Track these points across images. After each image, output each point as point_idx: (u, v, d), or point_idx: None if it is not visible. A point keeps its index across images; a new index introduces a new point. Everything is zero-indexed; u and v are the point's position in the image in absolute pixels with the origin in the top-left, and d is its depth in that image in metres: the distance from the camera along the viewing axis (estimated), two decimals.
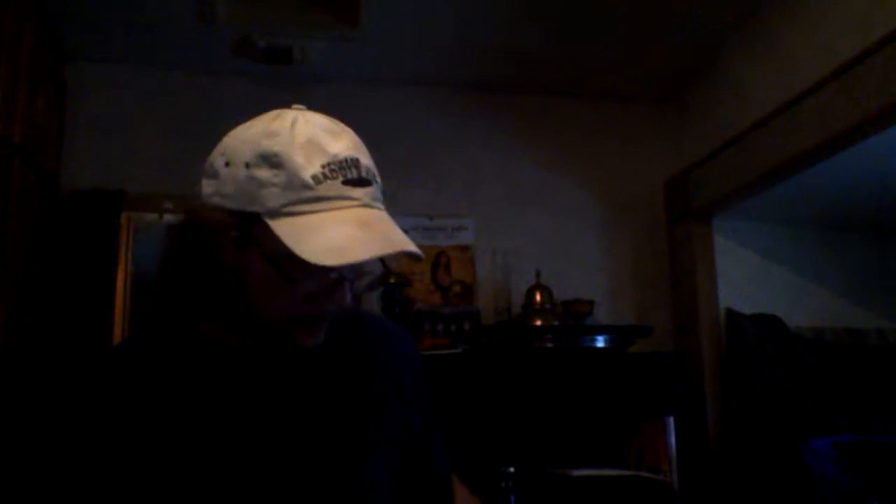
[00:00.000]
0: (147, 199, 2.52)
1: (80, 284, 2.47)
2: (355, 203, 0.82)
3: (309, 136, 0.83)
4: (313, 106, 0.96)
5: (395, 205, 3.36)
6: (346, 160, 0.83)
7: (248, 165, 0.83)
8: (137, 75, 2.74)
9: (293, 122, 0.85)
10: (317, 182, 0.81)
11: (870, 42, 1.96)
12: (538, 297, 2.66)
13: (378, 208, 0.85)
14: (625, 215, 3.03)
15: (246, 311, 0.87)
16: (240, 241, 0.84)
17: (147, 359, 0.91)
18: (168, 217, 2.50)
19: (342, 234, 0.80)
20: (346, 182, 0.82)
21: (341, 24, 2.50)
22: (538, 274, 2.70)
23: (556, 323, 2.58)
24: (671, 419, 2.31)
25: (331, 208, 0.81)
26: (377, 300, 2.61)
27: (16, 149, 2.08)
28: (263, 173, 0.82)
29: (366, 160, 0.86)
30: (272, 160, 0.82)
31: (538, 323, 2.57)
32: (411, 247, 0.83)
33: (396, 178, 2.82)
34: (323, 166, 0.81)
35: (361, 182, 0.83)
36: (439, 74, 2.90)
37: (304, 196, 0.81)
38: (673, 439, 2.30)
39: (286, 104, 0.90)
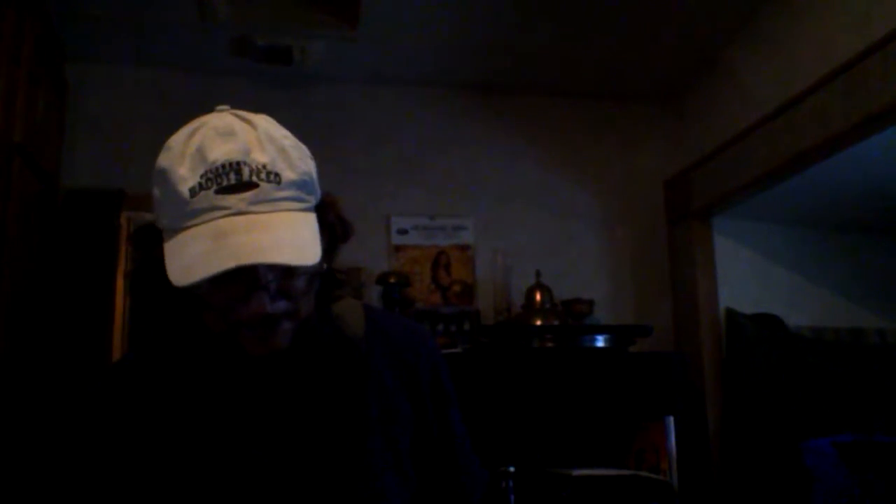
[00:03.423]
0: (147, 199, 2.48)
1: (80, 284, 2.47)
2: (224, 213, 0.78)
3: (199, 143, 0.81)
4: (313, 106, 0.97)
5: (395, 205, 3.36)
6: (223, 166, 0.79)
7: (153, 184, 0.84)
8: (137, 75, 2.75)
9: (193, 131, 0.83)
10: (192, 195, 0.79)
11: (870, 42, 1.96)
12: (538, 297, 2.66)
13: (257, 212, 0.79)
14: (625, 215, 3.04)
15: (200, 319, 0.87)
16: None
17: (163, 363, 0.93)
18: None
19: (196, 250, 0.77)
20: (220, 190, 0.78)
21: (341, 24, 2.49)
22: (538, 274, 2.70)
23: (556, 323, 2.58)
24: (671, 419, 2.31)
25: (199, 222, 0.78)
26: (377, 300, 2.61)
27: (16, 149, 2.08)
28: (157, 191, 0.83)
29: (262, 158, 0.80)
30: (161, 177, 0.82)
31: (538, 323, 2.57)
32: (266, 257, 0.76)
33: (396, 178, 2.87)
34: (201, 176, 0.79)
35: (240, 187, 0.78)
36: (439, 74, 2.90)
37: (183, 211, 0.79)
38: (673, 439, 2.30)
39: (286, 104, 0.91)
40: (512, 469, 2.07)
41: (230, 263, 0.75)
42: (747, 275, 2.87)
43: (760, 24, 2.49)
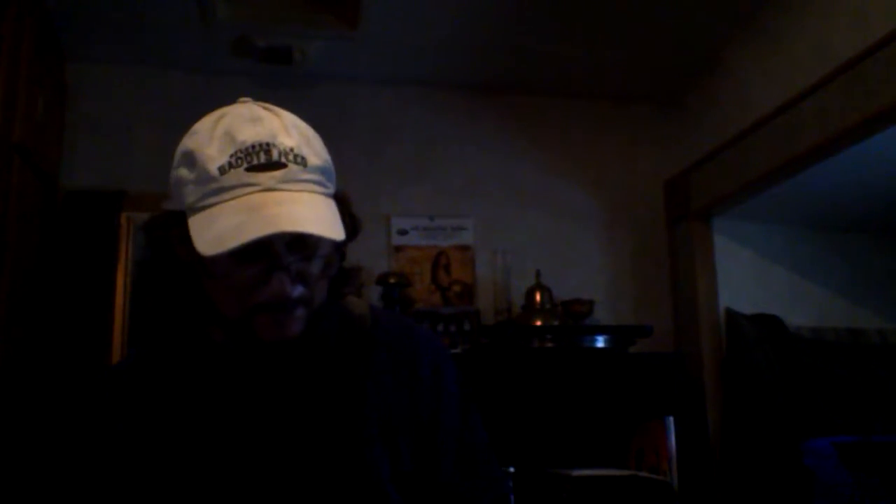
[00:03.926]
0: (147, 199, 2.52)
1: (80, 284, 2.47)
2: (256, 189, 0.80)
3: (227, 127, 0.84)
4: (313, 106, 0.97)
5: (395, 205, 3.35)
6: (253, 146, 0.82)
7: (176, 166, 0.86)
8: (137, 75, 2.75)
9: (220, 117, 0.86)
10: (222, 173, 0.81)
11: (870, 42, 1.96)
12: (538, 297, 2.66)
13: (286, 189, 0.81)
14: (625, 215, 3.03)
15: (213, 308, 0.88)
16: (183, 241, 0.84)
17: (161, 362, 0.94)
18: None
19: (230, 222, 0.79)
20: (251, 168, 0.81)
21: (341, 25, 2.50)
22: (538, 274, 2.70)
23: (556, 323, 2.58)
24: (671, 419, 2.31)
25: (231, 197, 0.80)
26: (377, 300, 2.61)
27: (16, 149, 2.08)
28: (183, 172, 0.85)
29: (289, 142, 0.83)
30: (188, 158, 0.84)
31: (538, 323, 2.57)
32: (300, 227, 0.78)
33: (396, 178, 2.87)
34: (231, 156, 0.81)
35: (269, 166, 0.81)
36: (439, 75, 2.90)
37: (210, 188, 0.81)
38: (673, 439, 2.30)
39: (286, 104, 0.91)
40: (512, 470, 2.07)
41: (269, 230, 0.77)
42: (747, 275, 2.87)
43: (760, 24, 2.49)
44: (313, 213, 0.81)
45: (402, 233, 2.84)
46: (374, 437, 0.91)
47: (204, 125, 0.86)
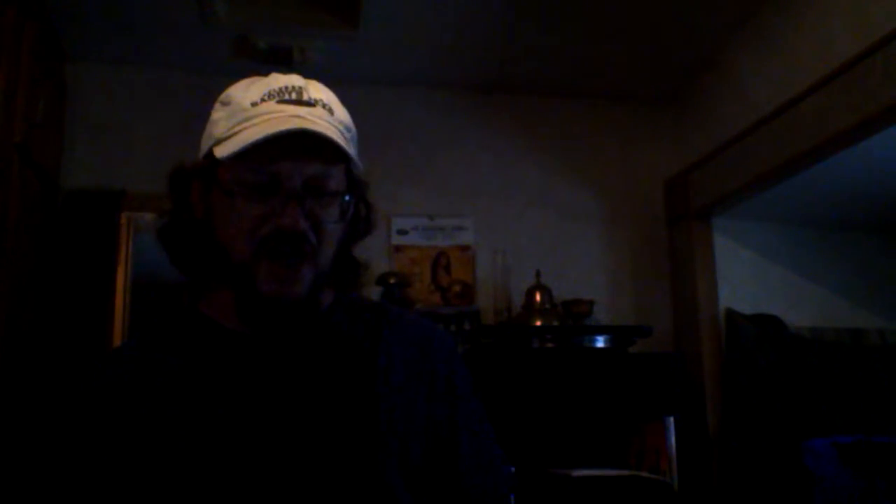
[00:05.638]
0: (147, 199, 2.52)
1: (80, 284, 2.47)
2: (283, 114, 0.86)
3: (263, 79, 0.92)
4: None
5: (395, 205, 3.34)
6: (287, 87, 0.89)
7: (211, 115, 0.93)
8: (137, 75, 2.74)
9: (257, 77, 0.93)
10: (254, 105, 0.88)
11: (870, 42, 1.96)
12: (538, 297, 2.66)
13: (309, 119, 0.86)
14: (625, 215, 3.03)
15: (224, 258, 0.90)
16: (203, 181, 0.91)
17: (155, 345, 0.95)
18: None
19: (252, 134, 0.84)
20: (282, 102, 0.88)
21: (341, 25, 2.50)
22: (538, 274, 2.70)
23: (556, 323, 2.58)
24: (671, 419, 2.31)
25: (259, 121, 0.86)
26: (376, 298, 2.61)
27: (16, 149, 2.08)
28: (216, 114, 0.92)
29: (319, 94, 0.90)
30: (221, 102, 0.92)
31: (538, 323, 2.57)
32: (311, 126, 0.84)
33: (396, 178, 2.87)
34: (265, 94, 0.89)
35: (299, 103, 0.88)
36: (439, 75, 2.90)
37: (241, 118, 0.87)
38: (673, 439, 2.30)
39: None
40: (512, 469, 2.07)
41: (277, 129, 0.83)
42: (747, 275, 2.87)
43: (760, 24, 2.49)
44: (328, 131, 0.86)
45: (402, 233, 2.84)
46: (384, 434, 0.89)
47: (240, 82, 0.93)
